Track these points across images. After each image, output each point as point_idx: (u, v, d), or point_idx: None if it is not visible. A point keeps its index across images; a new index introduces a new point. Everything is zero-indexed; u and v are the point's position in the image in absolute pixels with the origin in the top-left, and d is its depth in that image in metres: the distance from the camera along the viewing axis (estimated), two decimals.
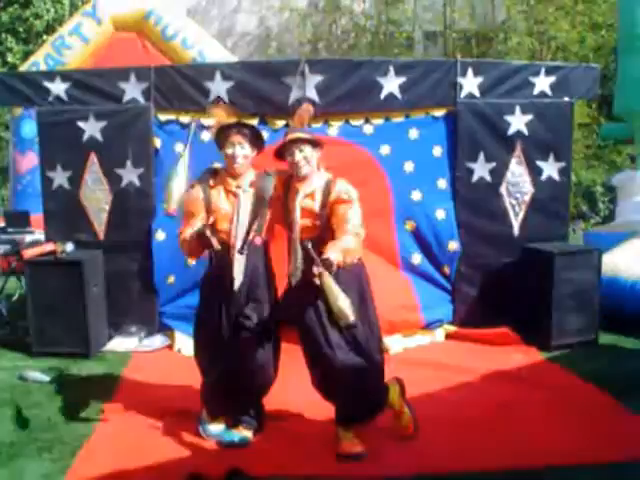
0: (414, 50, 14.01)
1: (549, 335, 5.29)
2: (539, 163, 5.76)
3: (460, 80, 5.59)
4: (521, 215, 5.81)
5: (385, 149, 5.63)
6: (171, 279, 5.71)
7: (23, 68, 9.15)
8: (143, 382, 4.70)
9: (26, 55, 13.31)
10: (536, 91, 5.70)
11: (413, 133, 5.64)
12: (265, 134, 5.49)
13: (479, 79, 5.61)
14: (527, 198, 5.80)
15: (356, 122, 5.62)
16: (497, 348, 5.29)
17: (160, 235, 5.65)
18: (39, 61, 8.81)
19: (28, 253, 5.26)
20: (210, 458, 3.52)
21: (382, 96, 5.57)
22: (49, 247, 5.35)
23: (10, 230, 5.95)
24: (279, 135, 5.54)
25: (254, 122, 5.55)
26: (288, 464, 3.44)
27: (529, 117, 5.67)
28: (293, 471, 3.37)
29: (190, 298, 5.65)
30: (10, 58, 14.80)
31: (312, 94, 5.50)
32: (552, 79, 5.70)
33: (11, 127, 9.96)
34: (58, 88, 5.59)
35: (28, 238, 5.86)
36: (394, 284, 5.58)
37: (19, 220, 6.50)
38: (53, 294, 5.16)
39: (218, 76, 5.52)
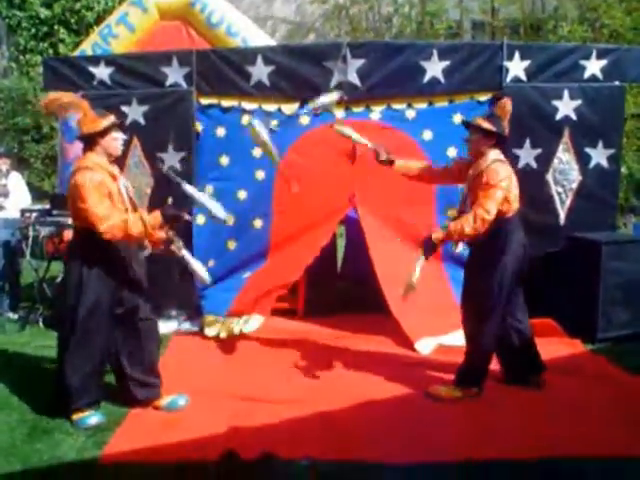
0: (462, 39, 13.75)
1: (595, 327, 5.13)
2: (587, 150, 5.58)
3: (506, 64, 5.45)
4: (568, 203, 5.65)
5: (428, 134, 5.53)
6: (211, 263, 5.72)
7: None
8: (181, 363, 4.76)
9: (77, 46, 13.56)
10: (587, 75, 5.51)
11: (457, 118, 5.51)
12: (306, 118, 5.57)
13: (526, 62, 5.46)
14: (574, 186, 5.62)
15: (398, 106, 5.54)
16: (540, 339, 5.11)
17: (200, 219, 5.67)
18: (86, 50, 8.93)
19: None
20: (243, 438, 3.52)
21: (425, 80, 5.47)
22: None
23: (55, 212, 6.03)
24: (320, 120, 5.53)
25: (295, 106, 5.56)
26: (320, 448, 3.42)
27: (578, 102, 5.49)
28: (325, 455, 3.35)
29: (230, 282, 5.70)
30: (62, 49, 15.13)
31: (353, 78, 5.44)
32: (604, 62, 5.49)
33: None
34: (102, 73, 5.66)
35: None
36: (433, 281, 5.50)
37: (63, 203, 6.58)
38: None
39: (260, 60, 5.50)
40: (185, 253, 3.94)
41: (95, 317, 3.71)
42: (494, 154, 4.01)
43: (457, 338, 5.09)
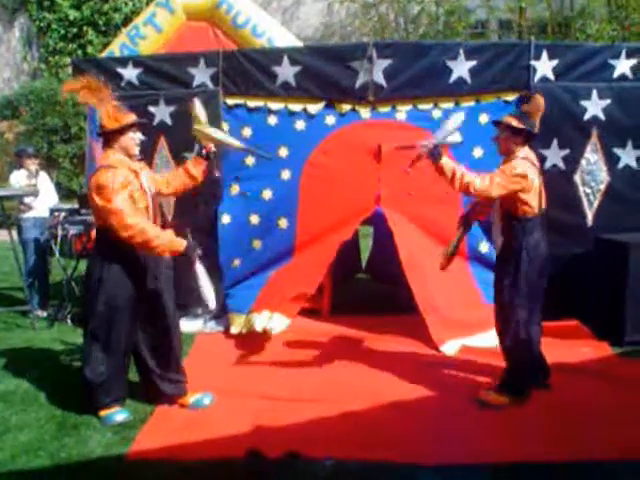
0: (488, 39, 13.68)
1: (623, 330, 5.06)
2: (616, 150, 5.50)
3: (534, 63, 5.39)
4: (596, 205, 5.57)
5: (454, 134, 5.49)
6: (236, 262, 5.76)
7: None
8: (206, 362, 4.79)
9: (105, 47, 13.74)
10: (616, 74, 5.42)
11: (483, 118, 5.48)
12: (332, 118, 5.57)
13: (554, 62, 5.39)
14: (602, 187, 5.55)
15: (424, 107, 5.51)
16: (566, 341, 5.08)
17: (226, 218, 5.72)
18: (114, 51, 9.02)
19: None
20: (268, 437, 3.54)
21: (451, 80, 5.44)
22: None
23: (83, 212, 6.11)
24: (346, 120, 5.54)
25: (320, 106, 5.57)
26: (344, 448, 3.42)
27: (607, 102, 5.42)
28: (349, 455, 3.35)
29: (255, 280, 5.72)
30: (90, 50, 15.34)
31: (379, 78, 5.44)
32: (634, 61, 5.40)
33: (87, 114, 10.24)
34: (130, 74, 5.74)
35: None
36: (459, 280, 5.48)
37: None
38: None
39: (286, 61, 5.52)
40: (200, 269, 3.84)
41: (115, 313, 3.74)
42: (523, 152, 3.98)
43: (482, 340, 5.08)
